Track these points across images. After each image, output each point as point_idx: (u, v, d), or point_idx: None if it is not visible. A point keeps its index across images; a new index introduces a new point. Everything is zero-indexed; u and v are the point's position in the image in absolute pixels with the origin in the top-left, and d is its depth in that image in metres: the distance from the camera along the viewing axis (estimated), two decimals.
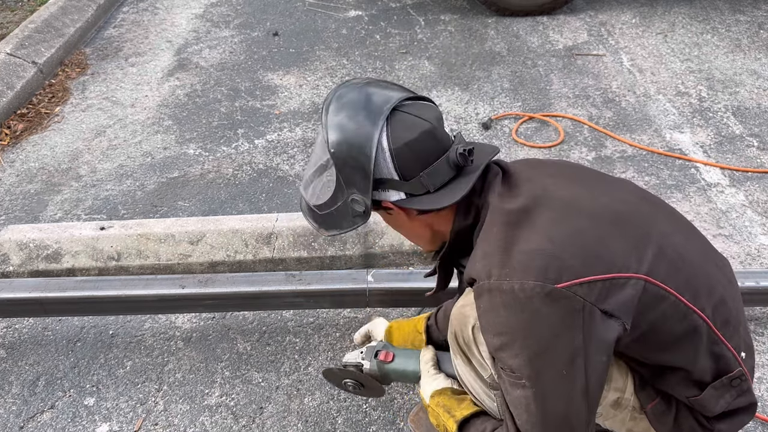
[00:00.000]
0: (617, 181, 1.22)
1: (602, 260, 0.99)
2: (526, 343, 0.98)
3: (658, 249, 1.04)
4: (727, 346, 1.07)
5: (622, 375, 1.17)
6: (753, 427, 1.65)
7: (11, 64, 3.36)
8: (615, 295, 0.98)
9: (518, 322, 0.98)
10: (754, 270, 2.09)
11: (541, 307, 0.96)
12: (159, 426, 1.71)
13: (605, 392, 1.16)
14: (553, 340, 0.97)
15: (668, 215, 1.16)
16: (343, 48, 3.74)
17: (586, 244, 1.01)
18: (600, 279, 0.97)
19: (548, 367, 0.98)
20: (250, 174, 2.73)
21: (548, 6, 3.94)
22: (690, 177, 2.58)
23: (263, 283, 1.83)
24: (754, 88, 3.15)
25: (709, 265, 1.12)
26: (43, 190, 2.67)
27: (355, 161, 1.08)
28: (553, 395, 0.99)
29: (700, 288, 1.06)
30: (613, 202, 1.10)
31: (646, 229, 1.06)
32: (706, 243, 1.18)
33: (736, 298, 1.14)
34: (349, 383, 1.46)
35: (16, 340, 1.98)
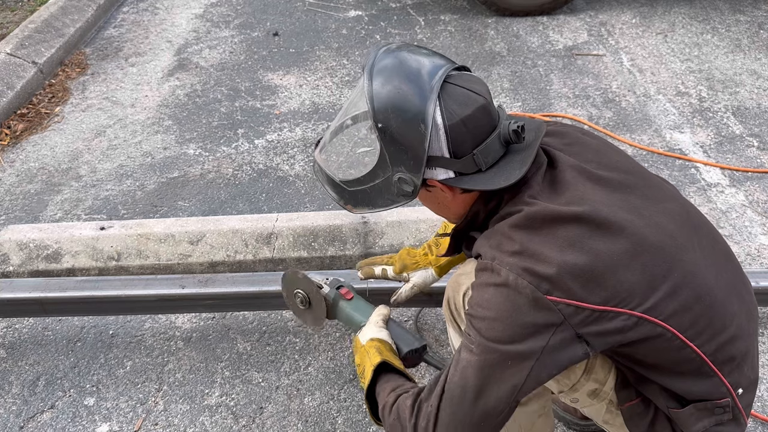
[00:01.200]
0: (662, 191, 1.13)
1: (603, 290, 0.97)
2: (495, 324, 0.98)
3: (672, 288, 1.00)
4: (722, 380, 1.05)
5: (605, 369, 1.16)
6: (753, 427, 1.65)
7: (11, 64, 3.36)
8: (598, 325, 0.97)
9: (499, 306, 0.98)
10: (754, 270, 2.09)
11: (524, 305, 0.96)
12: (159, 426, 1.71)
13: (584, 380, 1.16)
14: (518, 335, 0.97)
15: (704, 243, 1.10)
16: (343, 48, 3.74)
17: (594, 271, 0.97)
18: (590, 307, 0.96)
19: (500, 352, 0.98)
20: (250, 174, 2.73)
21: (548, 6, 3.94)
22: (690, 177, 2.58)
23: (263, 283, 1.83)
24: (754, 88, 3.15)
25: (731, 301, 1.08)
26: (43, 190, 2.67)
27: (406, 138, 1.02)
28: (489, 375, 0.99)
29: (708, 326, 1.03)
30: (647, 226, 1.02)
31: (669, 264, 1.01)
32: (736, 273, 1.14)
33: (751, 334, 1.11)
34: (300, 294, 1.44)
35: (16, 340, 1.98)
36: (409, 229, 2.11)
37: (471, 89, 1.04)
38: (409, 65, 1.04)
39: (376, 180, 1.08)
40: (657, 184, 1.14)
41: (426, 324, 1.96)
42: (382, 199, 1.09)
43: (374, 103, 1.03)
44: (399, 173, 1.05)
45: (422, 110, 1.00)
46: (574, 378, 1.17)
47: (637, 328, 0.98)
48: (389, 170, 1.06)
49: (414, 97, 1.01)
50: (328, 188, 1.17)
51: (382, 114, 1.02)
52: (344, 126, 1.14)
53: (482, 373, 0.99)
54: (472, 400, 1.00)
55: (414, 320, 1.95)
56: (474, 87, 1.05)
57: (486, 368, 0.99)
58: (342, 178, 1.12)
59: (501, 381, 0.98)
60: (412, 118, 1.01)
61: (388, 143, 1.03)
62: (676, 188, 1.18)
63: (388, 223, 2.12)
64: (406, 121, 1.01)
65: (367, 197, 1.11)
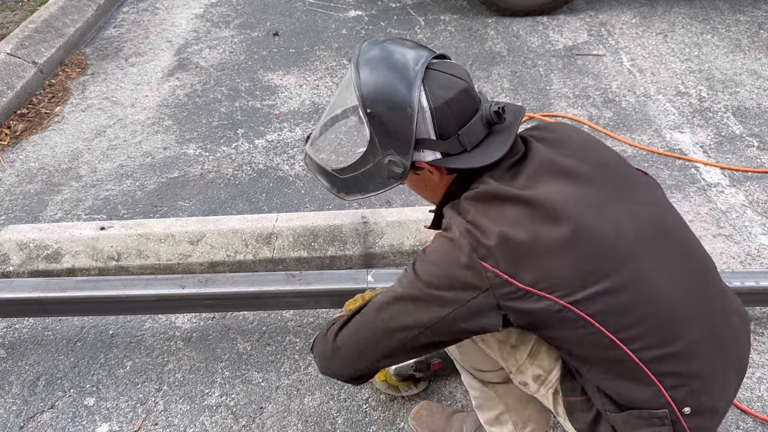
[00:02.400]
0: (639, 192, 1.13)
1: (533, 272, 0.99)
2: (431, 268, 1.05)
3: (611, 287, 1.00)
4: (662, 391, 1.04)
5: (551, 358, 1.18)
6: (753, 427, 1.65)
7: (11, 64, 3.36)
8: (522, 303, 1.01)
9: (440, 254, 1.05)
10: (754, 270, 2.09)
11: (460, 262, 1.02)
12: (159, 426, 1.71)
13: (528, 365, 1.20)
14: (445, 284, 1.03)
15: (672, 252, 1.08)
16: (343, 48, 3.74)
17: (529, 252, 1.00)
18: (517, 285, 0.99)
19: (424, 292, 1.04)
20: (250, 174, 2.73)
21: (548, 6, 3.94)
22: (690, 177, 2.58)
23: (263, 283, 1.83)
24: (754, 88, 3.15)
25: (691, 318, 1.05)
26: (43, 190, 2.67)
27: (395, 122, 1.07)
28: (405, 305, 1.07)
29: (650, 334, 1.02)
30: (601, 223, 1.03)
31: (615, 264, 1.01)
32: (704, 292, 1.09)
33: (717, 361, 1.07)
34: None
35: (16, 340, 1.98)
36: (409, 229, 2.11)
37: (453, 74, 1.10)
38: (394, 55, 1.10)
39: (367, 165, 1.13)
40: (635, 185, 1.14)
41: None
42: (374, 183, 1.15)
43: (362, 91, 1.08)
44: (389, 156, 1.10)
45: (408, 95, 1.06)
46: (520, 359, 1.20)
47: (560, 315, 1.01)
48: (379, 154, 1.11)
49: (400, 84, 1.07)
50: (321, 178, 1.22)
51: (371, 101, 1.08)
52: (334, 118, 1.18)
53: (401, 301, 1.07)
54: (382, 318, 1.09)
55: None
56: (455, 72, 1.11)
57: (406, 299, 1.07)
58: (334, 166, 1.17)
59: (412, 314, 1.06)
60: (399, 103, 1.06)
61: (378, 128, 1.09)
62: (662, 193, 1.17)
63: (388, 223, 2.12)
64: (393, 106, 1.07)
65: (359, 183, 1.16)
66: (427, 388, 1.75)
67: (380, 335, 1.11)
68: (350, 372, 1.19)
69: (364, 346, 1.14)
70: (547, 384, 1.20)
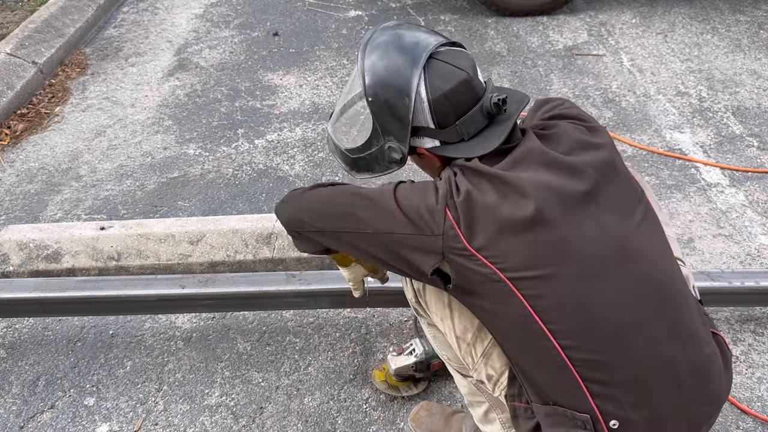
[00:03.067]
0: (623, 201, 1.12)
1: (484, 239, 1.03)
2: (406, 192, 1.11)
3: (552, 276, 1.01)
4: (586, 397, 1.03)
5: (501, 361, 1.19)
6: (753, 427, 1.65)
7: (11, 64, 3.36)
8: (465, 260, 1.04)
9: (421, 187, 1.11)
10: (754, 270, 2.09)
11: (429, 201, 1.07)
12: (159, 426, 1.71)
13: (482, 364, 1.22)
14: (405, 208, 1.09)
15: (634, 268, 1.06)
16: (343, 48, 3.74)
17: (486, 218, 1.03)
18: (465, 245, 1.03)
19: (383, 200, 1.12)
20: (250, 174, 2.73)
21: (548, 6, 3.93)
22: (690, 177, 2.58)
23: (263, 283, 1.83)
24: (754, 88, 3.15)
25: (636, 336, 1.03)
26: (43, 190, 2.67)
27: (393, 110, 1.12)
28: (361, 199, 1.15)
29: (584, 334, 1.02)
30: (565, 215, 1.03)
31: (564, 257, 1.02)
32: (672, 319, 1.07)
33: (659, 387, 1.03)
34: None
35: (16, 340, 1.98)
36: None
37: (455, 65, 1.12)
38: (399, 43, 1.14)
39: (372, 148, 1.19)
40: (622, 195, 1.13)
41: None
42: (379, 165, 1.22)
43: (365, 79, 1.14)
44: (389, 142, 1.16)
45: (408, 85, 1.10)
46: (475, 357, 1.23)
47: (497, 287, 1.03)
48: (381, 139, 1.16)
49: (401, 73, 1.11)
50: (336, 156, 1.30)
51: (372, 89, 1.13)
52: (348, 102, 1.22)
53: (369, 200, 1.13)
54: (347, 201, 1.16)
55: (414, 320, 1.95)
56: (458, 62, 1.13)
57: (374, 201, 1.13)
58: (346, 146, 1.24)
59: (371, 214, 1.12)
60: (398, 93, 1.11)
61: (378, 115, 1.14)
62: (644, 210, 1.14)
63: None
64: (393, 95, 1.11)
65: (367, 164, 1.23)
66: (427, 388, 1.75)
67: (336, 210, 1.18)
68: (292, 220, 1.28)
69: (318, 209, 1.22)
70: (498, 386, 1.21)
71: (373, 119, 1.15)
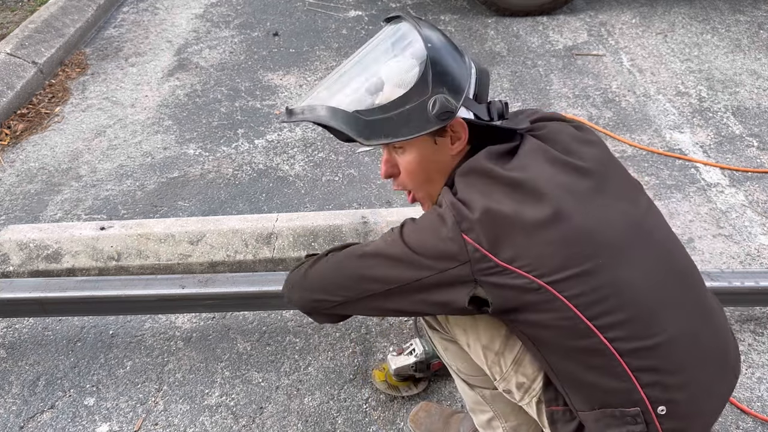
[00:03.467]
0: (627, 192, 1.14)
1: (512, 249, 1.00)
2: (415, 233, 1.07)
3: (588, 271, 1.01)
4: (636, 387, 1.02)
5: (534, 366, 1.17)
6: (753, 427, 1.65)
7: (11, 64, 3.36)
8: (498, 278, 1.01)
9: (427, 225, 1.07)
10: (754, 270, 2.09)
11: (443, 233, 1.03)
12: (159, 426, 1.71)
13: (512, 372, 1.19)
14: (426, 250, 1.05)
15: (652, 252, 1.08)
16: (343, 48, 3.74)
17: (511, 227, 1.01)
18: (495, 261, 1.01)
19: (405, 252, 1.06)
20: (250, 174, 2.73)
21: (548, 6, 3.94)
22: (690, 177, 2.58)
23: (263, 283, 1.83)
24: (754, 88, 3.15)
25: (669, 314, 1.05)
26: (43, 190, 2.67)
27: (450, 64, 1.10)
28: (379, 261, 1.09)
29: (627, 324, 1.02)
30: (583, 209, 1.04)
31: (593, 250, 1.02)
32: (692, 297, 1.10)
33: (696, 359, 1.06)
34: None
35: (16, 340, 1.98)
36: None
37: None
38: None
39: (407, 105, 1.08)
40: (621, 183, 1.16)
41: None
42: (408, 127, 1.09)
43: (420, 28, 1.12)
44: (440, 94, 1.07)
45: (461, 49, 1.14)
46: (504, 366, 1.19)
47: (536, 294, 1.01)
48: (428, 92, 1.07)
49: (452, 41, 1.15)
50: (333, 123, 1.13)
51: (429, 38, 1.10)
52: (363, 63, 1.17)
53: (381, 256, 1.09)
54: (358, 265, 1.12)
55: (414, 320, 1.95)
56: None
57: (386, 255, 1.09)
58: (359, 108, 1.11)
59: (388, 270, 1.08)
60: (453, 50, 1.12)
61: (436, 63, 1.08)
62: (647, 196, 1.17)
63: (388, 223, 2.12)
64: (449, 51, 1.11)
65: (388, 126, 1.09)
66: (427, 388, 1.75)
67: (350, 279, 1.13)
68: (307, 302, 1.23)
69: (330, 283, 1.17)
70: (530, 392, 1.19)
71: (424, 69, 1.07)
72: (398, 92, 1.08)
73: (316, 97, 1.18)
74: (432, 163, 1.16)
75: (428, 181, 1.19)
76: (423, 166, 1.16)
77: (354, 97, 1.12)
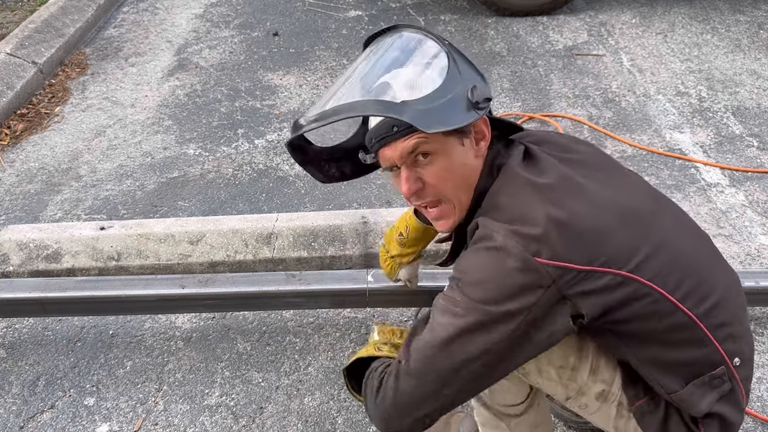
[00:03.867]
0: (628, 174, 1.21)
1: (586, 249, 1.00)
2: (484, 285, 0.99)
3: (653, 248, 1.04)
4: (716, 347, 1.07)
5: (609, 368, 1.17)
6: (753, 427, 1.65)
7: (11, 64, 3.36)
8: (584, 285, 0.99)
9: (490, 269, 1.00)
10: (754, 270, 2.08)
11: (514, 268, 0.97)
12: (159, 426, 1.71)
13: (591, 383, 1.17)
14: (506, 295, 0.98)
15: (673, 216, 1.16)
16: (343, 48, 3.74)
17: (577, 229, 1.00)
18: (576, 268, 0.98)
19: (484, 315, 0.98)
20: (250, 174, 2.73)
21: (548, 6, 3.94)
22: (690, 177, 2.58)
23: (263, 283, 1.83)
24: (754, 88, 3.15)
25: (712, 269, 1.13)
26: (43, 190, 2.67)
27: (469, 61, 1.10)
28: (470, 338, 0.99)
29: (695, 289, 1.06)
30: (618, 194, 1.09)
31: (645, 228, 1.07)
32: (711, 247, 1.18)
33: (739, 306, 1.14)
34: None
35: (16, 340, 1.98)
36: None
37: None
38: None
39: (447, 94, 1.04)
40: (620, 171, 1.21)
41: None
42: (455, 115, 1.04)
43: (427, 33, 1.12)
44: (473, 82, 1.06)
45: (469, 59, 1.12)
46: (580, 380, 1.17)
47: (623, 287, 1.01)
48: (463, 83, 1.05)
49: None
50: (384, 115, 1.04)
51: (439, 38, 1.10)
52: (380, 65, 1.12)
53: (464, 331, 0.99)
54: (446, 355, 1.01)
55: (414, 319, 1.95)
56: None
57: (469, 327, 0.99)
58: (408, 98, 1.03)
59: (479, 340, 0.99)
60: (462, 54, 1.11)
61: (458, 60, 1.08)
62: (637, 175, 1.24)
63: (388, 223, 2.12)
64: (462, 52, 1.11)
65: (439, 113, 1.03)
66: None
67: (447, 375, 1.02)
68: (418, 422, 1.08)
69: (428, 392, 1.04)
70: (609, 398, 1.17)
71: (451, 63, 1.06)
72: (437, 82, 1.04)
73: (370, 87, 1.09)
74: (461, 166, 1.11)
75: (459, 187, 1.13)
76: (454, 171, 1.11)
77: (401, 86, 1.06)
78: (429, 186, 1.12)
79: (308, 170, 1.30)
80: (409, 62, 1.09)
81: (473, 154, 1.12)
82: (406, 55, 1.11)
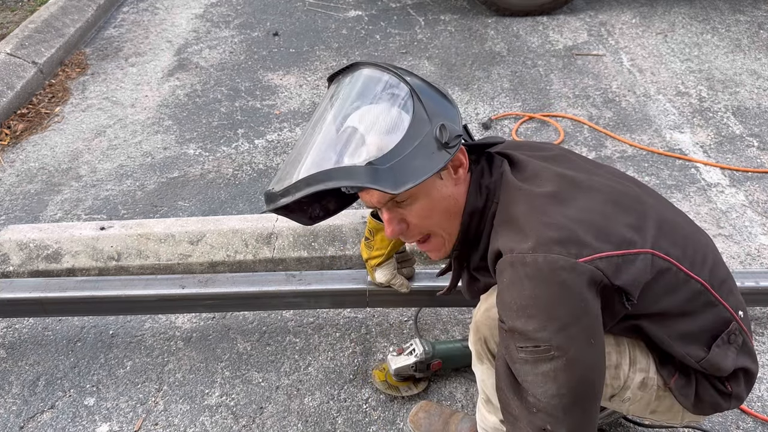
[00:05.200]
0: (598, 163, 1.27)
1: (612, 236, 1.03)
2: (556, 314, 0.97)
3: (656, 224, 1.10)
4: (725, 306, 1.14)
5: (644, 355, 1.20)
6: (753, 427, 1.65)
7: (11, 64, 3.36)
8: (627, 271, 1.02)
9: (545, 294, 0.97)
10: (754, 270, 2.08)
11: (568, 278, 0.96)
12: (159, 426, 1.71)
13: (632, 374, 1.20)
14: (582, 309, 0.97)
15: (648, 192, 1.22)
16: (343, 48, 3.74)
17: (596, 221, 1.04)
18: (615, 255, 1.01)
19: (579, 336, 0.98)
20: (250, 174, 2.73)
21: (548, 6, 3.94)
22: (690, 177, 2.58)
23: (263, 283, 1.83)
24: (754, 88, 3.15)
25: (698, 235, 1.20)
26: (43, 190, 2.67)
27: (436, 89, 1.08)
28: (583, 363, 0.99)
29: (695, 256, 1.13)
30: (606, 180, 1.15)
31: (641, 207, 1.12)
32: (685, 215, 1.26)
33: (723, 262, 1.23)
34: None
35: (16, 340, 1.98)
36: None
37: None
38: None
39: (415, 140, 1.01)
40: (592, 161, 1.27)
41: (426, 324, 1.96)
42: (425, 162, 1.00)
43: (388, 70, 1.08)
44: (441, 119, 1.03)
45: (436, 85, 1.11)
46: (623, 376, 1.20)
47: (654, 266, 1.05)
48: (430, 124, 1.02)
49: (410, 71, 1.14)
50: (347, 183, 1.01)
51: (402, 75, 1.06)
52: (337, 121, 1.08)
53: (579, 366, 0.98)
54: (585, 392, 1.01)
55: (414, 320, 1.95)
56: None
57: (579, 360, 0.98)
58: (372, 156, 0.99)
59: (595, 360, 1.01)
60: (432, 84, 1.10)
61: (422, 94, 1.04)
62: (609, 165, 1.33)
63: None
64: (421, 80, 1.09)
65: (407, 166, 1.00)
66: (427, 389, 1.75)
67: (589, 400, 1.02)
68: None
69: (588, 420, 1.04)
70: (649, 384, 1.20)
71: (414, 104, 1.02)
72: (399, 134, 1.01)
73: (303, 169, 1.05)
74: (443, 200, 1.11)
75: (445, 220, 1.13)
76: (436, 208, 1.11)
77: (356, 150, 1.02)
78: (413, 226, 1.12)
79: (292, 218, 1.27)
80: (373, 102, 1.06)
81: (453, 184, 1.12)
82: (368, 94, 1.08)
